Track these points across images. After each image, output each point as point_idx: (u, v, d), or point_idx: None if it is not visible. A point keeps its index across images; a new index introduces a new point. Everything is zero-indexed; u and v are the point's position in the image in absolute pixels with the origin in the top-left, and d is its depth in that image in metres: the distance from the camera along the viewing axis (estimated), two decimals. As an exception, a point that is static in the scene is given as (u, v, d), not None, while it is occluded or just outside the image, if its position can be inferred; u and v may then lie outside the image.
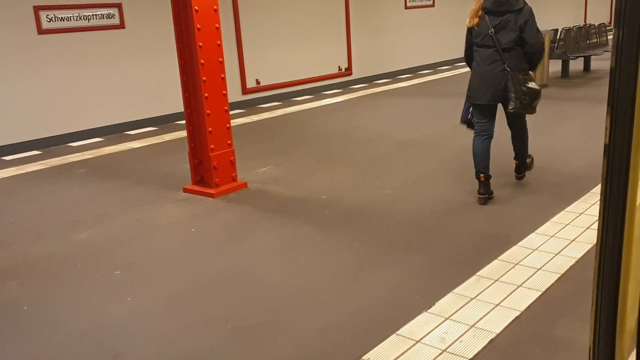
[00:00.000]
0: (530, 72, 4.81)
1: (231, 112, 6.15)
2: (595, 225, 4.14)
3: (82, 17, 8.26)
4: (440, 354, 2.82)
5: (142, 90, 9.12)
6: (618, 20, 1.49)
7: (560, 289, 3.39)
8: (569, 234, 4.12)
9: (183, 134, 6.97)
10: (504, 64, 4.67)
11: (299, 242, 4.37)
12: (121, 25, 8.72)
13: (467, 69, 5.09)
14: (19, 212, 5.46)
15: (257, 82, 10.83)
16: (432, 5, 14.55)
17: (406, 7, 13.85)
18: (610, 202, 1.63)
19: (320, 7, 11.83)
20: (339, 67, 12.44)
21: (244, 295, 3.59)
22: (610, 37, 12.36)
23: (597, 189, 4.94)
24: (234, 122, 8.25)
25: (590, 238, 3.99)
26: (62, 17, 8.06)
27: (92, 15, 8.37)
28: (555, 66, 11.74)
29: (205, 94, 5.37)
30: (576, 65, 12.42)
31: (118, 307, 3.51)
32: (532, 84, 4.69)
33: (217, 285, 3.74)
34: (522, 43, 4.66)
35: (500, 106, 4.91)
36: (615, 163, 1.60)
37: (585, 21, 20.28)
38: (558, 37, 11.91)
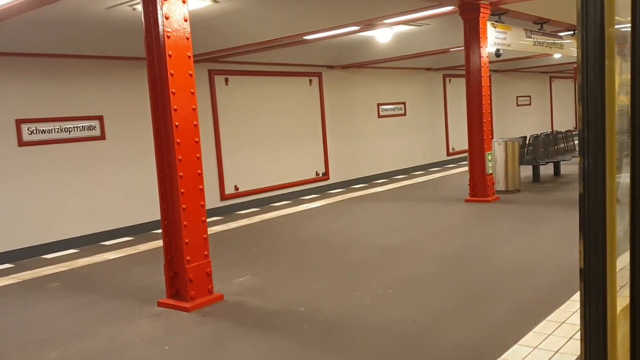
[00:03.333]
0: None
1: (209, 219, 6.13)
2: (578, 335, 4.08)
3: (63, 130, 8.39)
4: None
5: (119, 199, 9.11)
6: (583, 150, 1.56)
7: (549, 405, 3.27)
8: (553, 344, 4.04)
9: (159, 243, 6.88)
10: None
11: None
12: (102, 137, 8.86)
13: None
14: (-16, 330, 5.21)
15: (236, 188, 10.93)
16: (404, 115, 15.15)
17: (379, 116, 14.40)
18: (590, 329, 1.61)
19: (297, 115, 12.24)
20: (317, 172, 12.67)
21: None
22: (576, 141, 12.87)
23: (577, 297, 4.92)
24: (212, 229, 8.21)
25: (574, 349, 3.91)
26: (43, 130, 8.18)
27: (74, 127, 8.52)
28: (526, 171, 12.09)
29: (183, 206, 5.37)
30: (547, 169, 12.82)
31: None
32: None
33: (191, 409, 3.53)
34: None
35: None
36: (592, 288, 1.60)
37: (552, 128, 21.22)
38: (527, 144, 12.37)
